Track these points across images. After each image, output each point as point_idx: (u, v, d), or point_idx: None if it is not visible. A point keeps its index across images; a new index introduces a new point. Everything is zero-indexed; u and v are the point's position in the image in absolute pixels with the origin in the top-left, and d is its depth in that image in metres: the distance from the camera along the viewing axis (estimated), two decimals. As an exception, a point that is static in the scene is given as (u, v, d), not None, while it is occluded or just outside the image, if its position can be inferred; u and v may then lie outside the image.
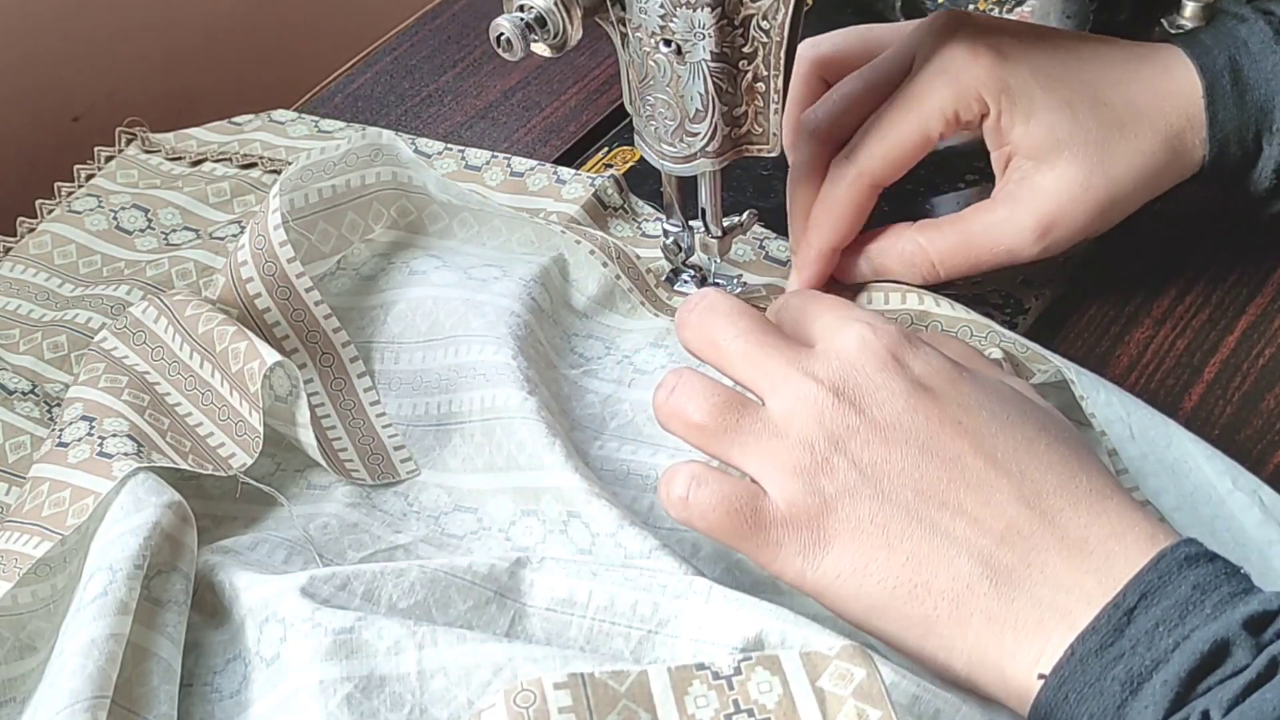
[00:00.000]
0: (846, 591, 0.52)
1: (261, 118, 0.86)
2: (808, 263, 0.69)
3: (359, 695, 0.49)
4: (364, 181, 0.71)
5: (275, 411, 0.62)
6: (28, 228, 0.78)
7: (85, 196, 0.80)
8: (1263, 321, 0.70)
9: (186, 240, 0.77)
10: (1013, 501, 0.52)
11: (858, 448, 0.53)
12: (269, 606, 0.53)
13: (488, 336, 0.65)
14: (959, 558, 0.51)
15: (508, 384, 0.62)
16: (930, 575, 0.51)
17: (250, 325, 0.65)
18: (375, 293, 0.71)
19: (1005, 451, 0.53)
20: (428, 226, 0.74)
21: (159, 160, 0.83)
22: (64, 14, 0.96)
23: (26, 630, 0.56)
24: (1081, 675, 0.48)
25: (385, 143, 0.71)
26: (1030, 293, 0.71)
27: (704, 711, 0.44)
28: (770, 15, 0.60)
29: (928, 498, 0.52)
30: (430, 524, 0.61)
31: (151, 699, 0.52)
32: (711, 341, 0.57)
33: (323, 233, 0.71)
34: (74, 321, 0.70)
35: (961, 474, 0.52)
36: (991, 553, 0.51)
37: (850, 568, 0.52)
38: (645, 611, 0.53)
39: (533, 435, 0.60)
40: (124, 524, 0.55)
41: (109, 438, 0.59)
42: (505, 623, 0.53)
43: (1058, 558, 0.51)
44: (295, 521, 0.60)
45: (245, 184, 0.80)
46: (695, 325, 0.58)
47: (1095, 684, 0.48)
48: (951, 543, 0.51)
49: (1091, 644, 0.48)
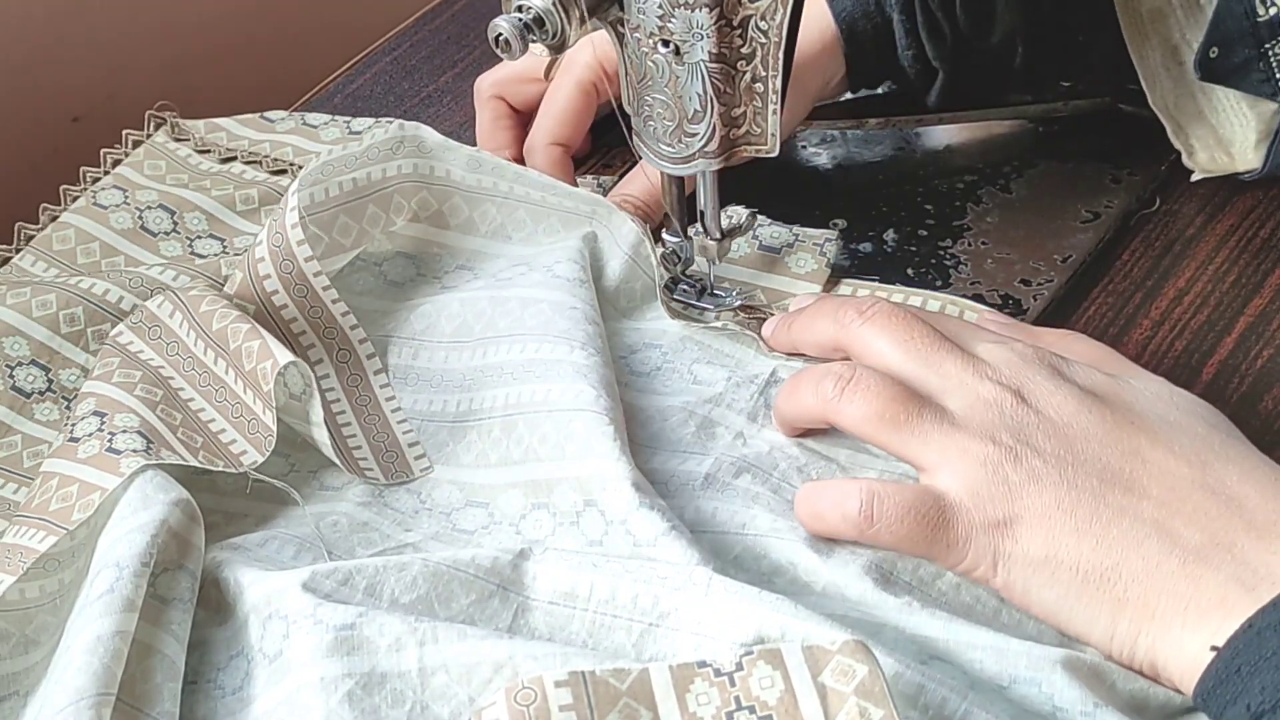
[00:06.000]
0: (1039, 582, 0.53)
1: (295, 119, 0.85)
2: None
3: (360, 692, 0.49)
4: (385, 174, 0.71)
5: (290, 409, 0.62)
6: (51, 215, 0.77)
7: (111, 189, 0.78)
8: (1261, 323, 0.70)
9: (212, 252, 0.76)
10: (1197, 488, 0.52)
11: (1041, 439, 0.54)
12: (272, 603, 0.53)
13: (526, 335, 0.65)
14: (1148, 539, 0.52)
15: (561, 379, 0.62)
16: (1120, 558, 0.52)
17: (266, 321, 0.65)
18: (404, 300, 0.71)
19: (1183, 445, 0.54)
20: (449, 220, 0.73)
21: (187, 152, 0.82)
22: (64, 14, 0.96)
23: (32, 625, 0.56)
24: (1257, 649, 0.48)
25: (408, 134, 0.70)
26: (1029, 293, 0.71)
27: (705, 709, 0.44)
28: (769, 16, 0.60)
29: (1113, 484, 0.53)
30: (442, 520, 0.61)
31: (155, 695, 0.52)
32: (881, 347, 0.59)
33: (343, 226, 0.70)
34: (90, 292, 0.69)
35: (1143, 464, 0.53)
36: (1180, 533, 0.51)
37: (1042, 555, 0.53)
38: (646, 604, 0.53)
39: (588, 426, 0.60)
40: (131, 521, 0.55)
41: (119, 434, 0.59)
42: (508, 616, 0.54)
43: (1246, 538, 0.51)
44: (307, 519, 0.60)
45: (275, 192, 0.79)
46: (860, 330, 0.60)
47: (1271, 658, 0.47)
48: (1140, 524, 0.52)
49: (1271, 619, 0.48)
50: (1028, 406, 0.55)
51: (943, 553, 0.54)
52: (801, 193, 0.79)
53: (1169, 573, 0.51)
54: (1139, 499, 0.52)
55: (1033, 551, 0.53)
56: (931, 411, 0.56)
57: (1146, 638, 0.51)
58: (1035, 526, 0.53)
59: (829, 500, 0.56)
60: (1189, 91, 0.76)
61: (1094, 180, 0.78)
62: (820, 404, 0.58)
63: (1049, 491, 0.53)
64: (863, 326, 0.60)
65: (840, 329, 0.61)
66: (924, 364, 0.57)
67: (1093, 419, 0.55)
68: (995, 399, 0.55)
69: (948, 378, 0.57)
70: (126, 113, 0.85)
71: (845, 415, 0.57)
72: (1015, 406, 0.55)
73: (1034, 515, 0.53)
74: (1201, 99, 0.76)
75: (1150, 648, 0.51)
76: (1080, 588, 0.52)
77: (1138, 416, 0.55)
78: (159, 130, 0.83)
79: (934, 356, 0.57)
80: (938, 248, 0.74)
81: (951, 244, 0.75)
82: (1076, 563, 0.52)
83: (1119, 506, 0.52)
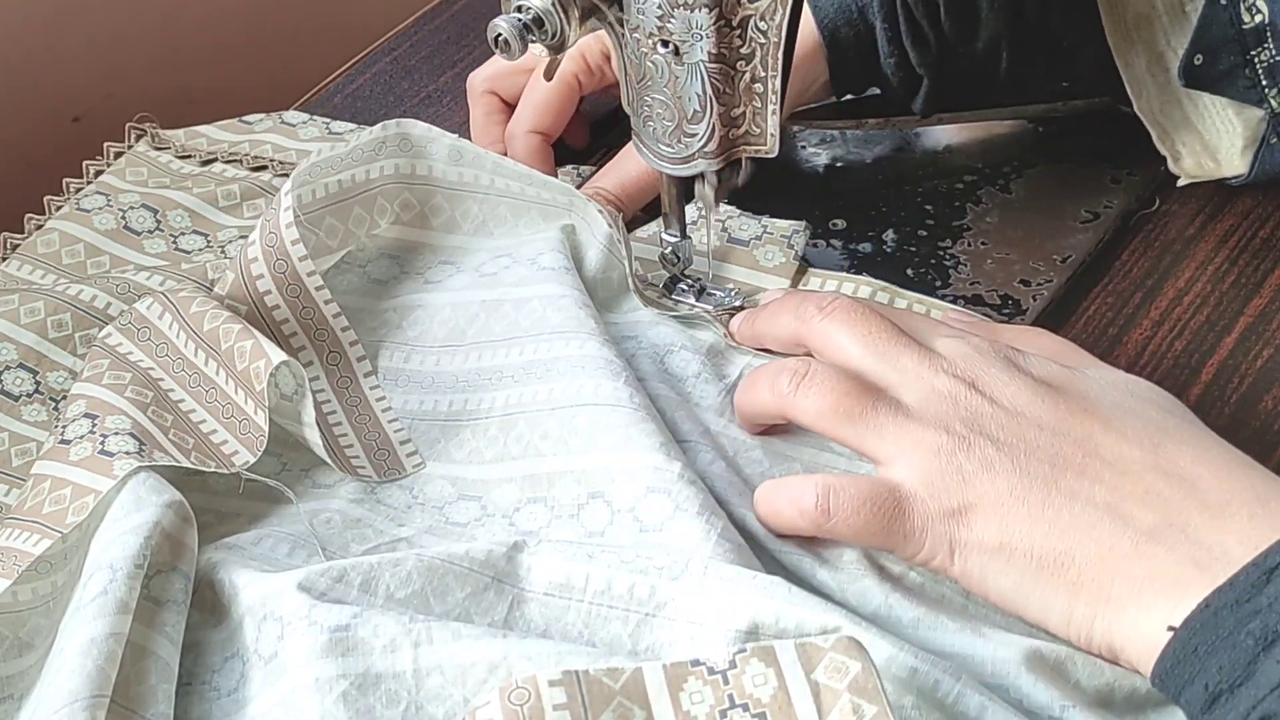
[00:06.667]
0: (995, 569, 0.53)
1: (273, 118, 0.86)
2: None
3: (355, 693, 0.49)
4: (369, 176, 0.71)
5: (281, 410, 0.62)
6: (36, 224, 0.78)
7: (94, 194, 0.79)
8: (1261, 323, 0.70)
9: (196, 246, 0.76)
10: (1150, 470, 0.53)
11: (994, 428, 0.54)
12: (267, 605, 0.53)
13: (523, 338, 0.66)
14: (1101, 522, 0.52)
15: (561, 376, 0.63)
16: (1073, 542, 0.52)
17: (258, 321, 0.65)
18: (388, 298, 0.72)
19: (1135, 429, 0.54)
20: (431, 220, 0.73)
21: (169, 158, 0.83)
22: (64, 14, 0.96)
23: (26, 628, 0.56)
24: (1214, 628, 0.48)
25: (392, 132, 0.71)
26: (1028, 293, 0.71)
27: (699, 707, 0.44)
28: (768, 16, 0.60)
29: (1065, 469, 0.53)
30: (434, 514, 0.61)
31: (149, 697, 0.51)
32: (841, 341, 0.59)
33: (330, 228, 0.71)
34: (78, 298, 0.69)
35: (1096, 449, 0.54)
36: (1133, 514, 0.52)
37: (996, 542, 0.53)
38: (642, 594, 0.53)
39: (592, 420, 0.60)
40: (125, 523, 0.55)
41: (111, 436, 0.59)
42: (504, 609, 0.54)
43: (1199, 518, 0.51)
44: (301, 516, 0.60)
45: (256, 187, 0.80)
46: (820, 325, 0.60)
47: (1228, 638, 0.47)
48: (1092, 508, 0.52)
49: (1228, 598, 0.48)
50: (982, 396, 0.56)
51: (900, 543, 0.55)
52: (801, 193, 0.79)
53: (1122, 554, 0.51)
54: (1091, 483, 0.53)
55: (987, 539, 0.53)
56: (886, 404, 0.56)
57: (1103, 620, 0.51)
58: (989, 514, 0.53)
59: (786, 497, 0.56)
60: (1174, 98, 0.76)
61: (1094, 180, 0.77)
62: (776, 399, 0.59)
63: (1002, 479, 0.53)
64: (823, 321, 0.60)
65: (801, 324, 0.61)
66: (880, 358, 0.58)
67: (1045, 407, 0.55)
68: (949, 391, 0.56)
69: (904, 371, 0.57)
70: (126, 113, 0.85)
71: (801, 410, 0.58)
72: (969, 397, 0.55)
73: (988, 503, 0.53)
74: (1187, 105, 0.76)
75: (1107, 630, 0.51)
76: (1035, 573, 0.52)
77: (1091, 404, 0.55)
78: (140, 141, 0.84)
79: (891, 351, 0.58)
80: (937, 248, 0.74)
81: (951, 244, 0.75)
82: (1030, 549, 0.52)
83: (1071, 491, 0.53)
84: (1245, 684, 0.46)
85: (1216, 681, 0.47)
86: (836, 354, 0.59)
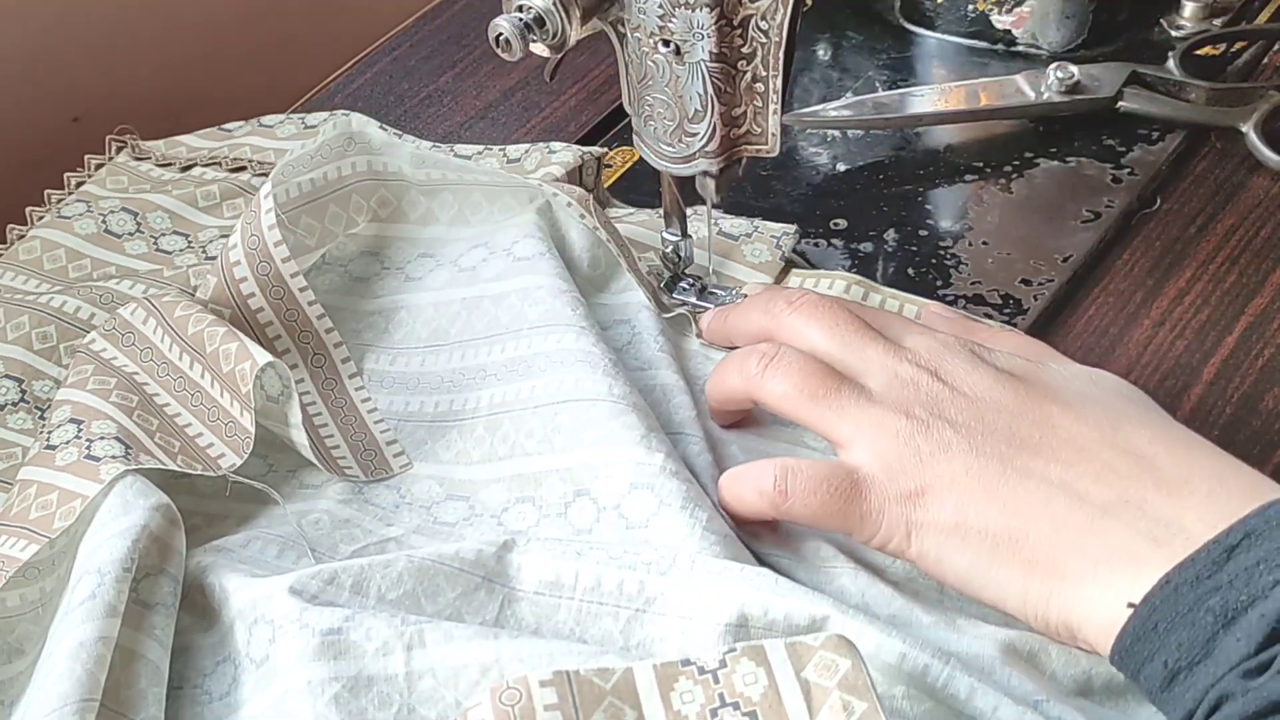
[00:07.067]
0: (950, 549, 0.53)
1: (251, 123, 0.86)
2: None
3: (347, 695, 0.49)
4: (340, 173, 0.72)
5: (267, 412, 0.62)
6: (18, 234, 0.78)
7: (75, 203, 0.79)
8: (1262, 323, 0.69)
9: (177, 247, 0.77)
10: (1106, 448, 0.53)
11: (953, 412, 0.55)
12: (258, 608, 0.53)
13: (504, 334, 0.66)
14: (1055, 499, 0.52)
15: (542, 373, 0.63)
16: (1028, 520, 0.52)
17: (242, 324, 0.65)
18: (371, 297, 0.72)
19: (1094, 412, 0.54)
20: (408, 214, 0.74)
21: (149, 166, 0.83)
22: (64, 14, 0.96)
23: (15, 634, 0.56)
24: (1174, 605, 0.47)
25: (356, 129, 0.71)
26: (1029, 292, 0.71)
27: (690, 707, 0.44)
28: (769, 15, 0.60)
29: (1020, 449, 0.53)
30: (422, 514, 0.62)
31: (139, 701, 0.51)
32: (809, 334, 0.60)
33: (306, 226, 0.71)
34: (62, 310, 0.70)
35: (1053, 429, 0.54)
36: (1088, 491, 0.52)
37: (952, 522, 0.53)
38: (632, 590, 0.53)
39: (575, 416, 0.60)
40: (112, 527, 0.55)
41: (97, 440, 0.59)
42: (494, 608, 0.54)
43: (1156, 495, 0.51)
44: (289, 518, 0.60)
45: (235, 187, 0.80)
46: (789, 318, 0.61)
47: (1187, 615, 0.47)
48: (1046, 485, 0.52)
49: (1188, 575, 0.48)
50: (943, 384, 0.56)
51: (857, 525, 0.55)
52: (801, 193, 0.79)
53: (1077, 530, 0.51)
54: (1046, 462, 0.53)
55: (943, 519, 0.53)
56: (850, 388, 0.57)
57: (1059, 598, 0.51)
58: (945, 494, 0.53)
59: (747, 480, 0.57)
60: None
61: (1094, 180, 0.77)
62: (744, 381, 0.59)
63: (958, 459, 0.53)
64: (791, 315, 0.61)
65: (770, 318, 0.62)
66: (847, 348, 0.59)
67: (1005, 392, 0.55)
68: (912, 377, 0.56)
69: (869, 360, 0.58)
70: (126, 112, 0.85)
71: (768, 391, 0.58)
72: (931, 384, 0.56)
73: (943, 483, 0.53)
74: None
75: (1063, 608, 0.51)
76: (991, 552, 0.52)
77: (1052, 391, 0.56)
78: (120, 153, 0.84)
79: (856, 341, 0.59)
80: (938, 248, 0.74)
81: (952, 244, 0.74)
82: (985, 527, 0.52)
83: (1026, 469, 0.53)
84: (1204, 661, 0.46)
85: (1176, 659, 0.47)
86: (805, 346, 0.60)
